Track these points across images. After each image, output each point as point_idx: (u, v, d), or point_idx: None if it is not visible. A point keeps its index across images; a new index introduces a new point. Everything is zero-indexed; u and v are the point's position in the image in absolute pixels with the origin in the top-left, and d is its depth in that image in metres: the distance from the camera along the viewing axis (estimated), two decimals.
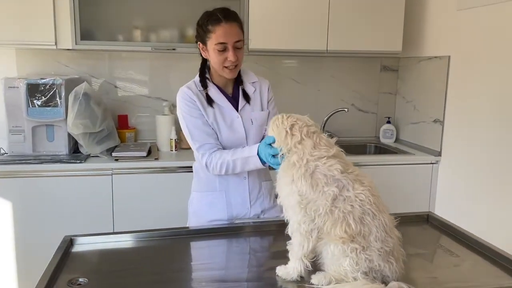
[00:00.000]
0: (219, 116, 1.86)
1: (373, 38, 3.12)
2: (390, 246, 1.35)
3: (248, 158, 1.74)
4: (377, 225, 1.35)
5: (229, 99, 1.89)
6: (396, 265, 1.35)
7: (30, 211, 2.60)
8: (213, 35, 1.76)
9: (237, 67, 1.83)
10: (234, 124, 1.87)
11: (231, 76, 1.84)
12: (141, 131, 3.30)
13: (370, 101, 3.63)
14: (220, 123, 1.86)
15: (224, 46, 1.75)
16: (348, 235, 1.33)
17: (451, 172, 2.94)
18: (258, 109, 1.93)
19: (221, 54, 1.76)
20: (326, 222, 1.35)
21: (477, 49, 2.66)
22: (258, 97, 1.94)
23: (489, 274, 1.45)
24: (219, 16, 1.75)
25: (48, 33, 2.72)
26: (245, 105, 1.90)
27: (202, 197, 1.95)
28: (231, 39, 1.75)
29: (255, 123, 1.91)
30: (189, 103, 1.83)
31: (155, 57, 3.23)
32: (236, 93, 1.92)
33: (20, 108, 2.67)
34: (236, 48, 1.77)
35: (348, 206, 1.35)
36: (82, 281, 1.38)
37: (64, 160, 2.64)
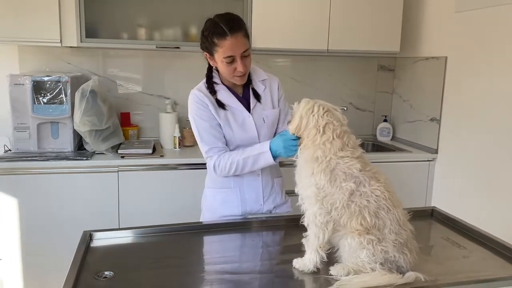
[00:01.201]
0: (231, 117, 1.89)
1: (372, 38, 3.20)
2: (404, 238, 1.42)
3: (259, 155, 1.79)
4: (391, 218, 1.42)
5: (239, 99, 1.92)
6: (410, 256, 1.42)
7: (35, 208, 2.61)
8: (220, 49, 1.76)
9: (246, 73, 1.85)
10: (246, 124, 1.90)
11: (241, 82, 1.86)
12: (143, 128, 3.32)
13: (368, 100, 3.71)
14: (232, 124, 1.89)
15: (232, 58, 1.76)
16: (363, 228, 1.40)
17: (447, 169, 3.03)
18: (269, 107, 1.96)
19: (229, 66, 1.78)
20: (342, 216, 1.41)
21: (474, 51, 2.75)
22: (268, 95, 1.97)
23: (497, 265, 1.52)
24: (224, 29, 1.74)
25: (53, 30, 2.73)
26: (256, 104, 1.93)
27: (216, 194, 1.99)
28: (238, 50, 1.76)
29: (267, 121, 1.94)
30: (200, 106, 1.85)
31: (157, 55, 3.25)
32: (247, 93, 1.94)
33: (25, 105, 2.67)
34: (244, 57, 1.78)
35: (364, 201, 1.42)
36: (108, 274, 1.41)
37: (70, 157, 2.66)
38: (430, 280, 1.35)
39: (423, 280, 1.34)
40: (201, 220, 2.07)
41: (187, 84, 3.29)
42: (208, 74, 1.91)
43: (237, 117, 1.90)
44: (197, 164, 2.80)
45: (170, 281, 1.39)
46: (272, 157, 1.77)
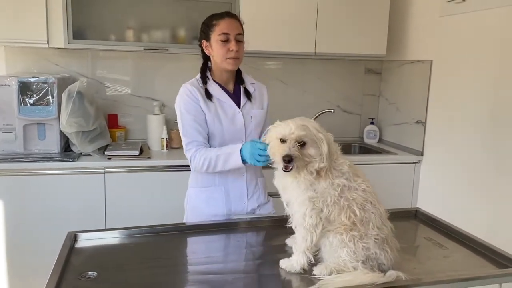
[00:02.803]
0: (221, 110, 1.95)
1: (359, 42, 3.23)
2: (385, 234, 1.46)
3: (230, 155, 1.82)
4: (375, 212, 1.46)
5: (230, 96, 1.99)
6: (391, 253, 1.45)
7: (21, 210, 2.59)
8: (216, 28, 1.91)
9: (239, 59, 1.94)
10: (236, 118, 1.97)
11: (233, 67, 1.94)
12: (131, 130, 3.32)
13: (355, 103, 3.74)
14: (222, 117, 1.95)
15: (227, 36, 1.89)
16: (351, 222, 1.42)
17: (432, 171, 3.07)
18: (258, 108, 2.04)
19: (224, 45, 1.89)
20: (332, 211, 1.44)
21: (458, 54, 2.80)
22: (258, 97, 2.06)
23: (477, 264, 1.56)
24: (223, 13, 1.95)
25: (40, 31, 2.72)
26: (246, 103, 2.01)
27: (200, 192, 2.01)
28: (233, 31, 1.90)
29: (254, 121, 2.01)
30: (189, 99, 1.92)
31: (145, 57, 3.25)
32: (237, 91, 2.02)
33: (11, 106, 2.65)
34: (238, 40, 1.90)
35: (354, 194, 1.45)
36: (91, 274, 1.42)
37: (57, 158, 2.65)
38: (411, 279, 1.37)
39: (404, 279, 1.36)
40: (185, 220, 2.08)
41: (175, 86, 3.30)
42: (203, 68, 2.00)
43: (227, 111, 1.96)
44: (184, 166, 2.78)
45: (154, 281, 1.40)
46: (241, 160, 1.79)
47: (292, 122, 1.44)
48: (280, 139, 1.45)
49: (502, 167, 2.47)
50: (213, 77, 1.99)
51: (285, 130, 1.44)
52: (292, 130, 1.42)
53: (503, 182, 2.47)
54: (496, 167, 2.52)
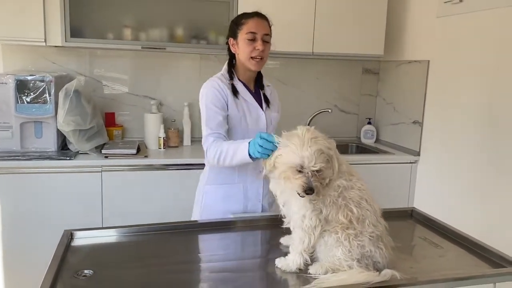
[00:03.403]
0: (247, 110, 1.99)
1: (357, 42, 3.24)
2: (380, 231, 1.46)
3: (239, 146, 1.74)
4: (370, 210, 1.47)
5: (254, 96, 2.03)
6: (385, 250, 1.45)
7: (18, 208, 2.59)
8: (244, 26, 1.93)
9: (263, 60, 1.96)
10: (259, 119, 2.01)
11: (256, 68, 1.96)
12: (128, 129, 3.32)
13: (352, 103, 3.75)
14: (247, 117, 1.98)
15: (254, 35, 1.91)
16: (348, 221, 1.42)
17: (429, 171, 3.08)
18: (275, 111, 2.10)
19: (250, 44, 1.91)
20: (331, 212, 1.44)
21: (455, 55, 2.80)
22: (273, 100, 2.11)
23: (471, 263, 1.56)
24: (252, 13, 1.97)
25: (38, 29, 2.72)
26: (266, 106, 2.06)
27: (218, 190, 2.02)
28: (261, 31, 1.93)
29: (273, 123, 2.07)
30: (217, 93, 1.92)
31: (143, 56, 3.25)
32: (257, 93, 2.06)
33: (8, 104, 2.65)
34: (264, 41, 1.93)
35: (351, 193, 1.45)
36: (87, 272, 1.41)
37: (54, 157, 2.64)
38: (405, 278, 1.37)
39: (399, 278, 1.37)
40: (198, 217, 2.08)
41: (172, 85, 3.34)
42: (229, 63, 2.03)
43: (252, 111, 2.00)
44: (181, 165, 2.81)
45: (150, 280, 1.39)
46: (247, 151, 1.70)
47: (305, 148, 1.35)
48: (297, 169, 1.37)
49: (499, 167, 2.49)
50: (237, 75, 2.02)
51: (302, 160, 1.35)
52: (312, 161, 1.34)
53: (499, 182, 2.48)
54: (493, 167, 2.53)
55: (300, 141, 1.37)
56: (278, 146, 1.45)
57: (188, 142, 3.23)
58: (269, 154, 1.49)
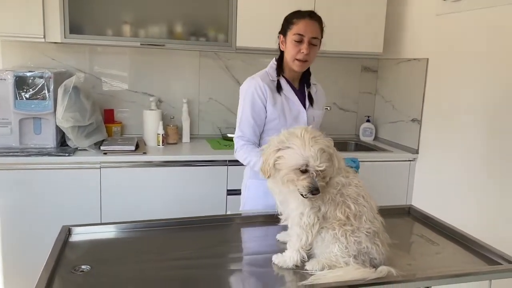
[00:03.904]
0: (286, 107, 2.01)
1: (355, 40, 3.24)
2: (377, 227, 1.47)
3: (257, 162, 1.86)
4: (367, 206, 1.47)
5: (297, 94, 2.04)
6: (382, 247, 1.46)
7: (17, 204, 2.60)
8: (294, 27, 1.94)
9: (307, 62, 1.98)
10: (300, 118, 2.03)
11: (300, 69, 1.98)
12: (127, 125, 3.32)
13: (351, 101, 3.75)
14: (287, 113, 2.00)
15: (301, 37, 1.92)
16: (345, 217, 1.43)
17: (427, 168, 3.08)
18: (319, 108, 2.13)
19: (296, 46, 1.92)
20: (329, 208, 1.44)
21: (454, 53, 2.81)
22: (319, 98, 2.13)
23: (467, 260, 1.57)
24: (305, 13, 1.97)
25: (37, 26, 2.72)
26: (309, 104, 2.08)
27: (260, 185, 2.01)
28: (309, 33, 1.93)
29: (316, 120, 2.09)
30: (256, 95, 1.97)
31: (142, 53, 3.25)
32: (302, 90, 2.08)
33: (7, 100, 2.65)
34: (311, 44, 1.94)
35: (348, 190, 1.46)
36: (85, 268, 1.42)
37: (52, 153, 2.65)
38: (402, 274, 1.38)
39: (395, 275, 1.37)
40: (241, 209, 2.14)
41: (172, 82, 3.34)
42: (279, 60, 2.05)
43: (292, 108, 2.02)
44: (180, 162, 2.81)
45: (147, 275, 1.40)
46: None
47: (307, 148, 1.35)
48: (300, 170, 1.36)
49: (497, 165, 2.49)
50: (283, 72, 2.04)
51: (306, 160, 1.35)
52: (317, 161, 1.34)
53: (497, 180, 2.49)
54: (491, 165, 2.53)
55: (301, 142, 1.36)
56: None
57: (187, 139, 3.23)
58: None
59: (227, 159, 2.87)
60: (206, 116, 3.46)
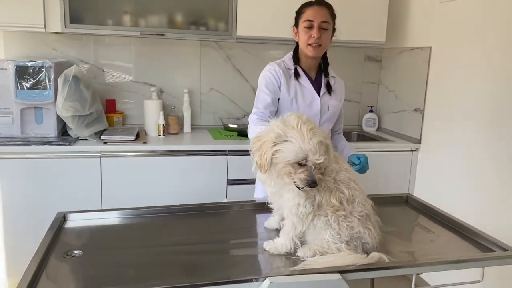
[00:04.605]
0: (300, 94, 2.04)
1: (357, 29, 3.20)
2: (368, 210, 1.47)
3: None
4: (358, 189, 1.48)
5: (312, 82, 2.07)
6: (374, 230, 1.45)
7: (18, 193, 2.62)
8: (303, 15, 1.99)
9: (320, 47, 2.00)
10: (313, 105, 2.06)
11: (313, 54, 1.99)
12: (128, 115, 3.33)
13: (354, 91, 3.72)
14: (300, 100, 2.04)
15: (311, 23, 1.96)
16: (339, 202, 1.43)
17: (429, 158, 3.05)
18: (336, 99, 2.14)
19: (307, 32, 1.96)
20: (324, 196, 1.44)
21: (457, 41, 2.76)
22: (337, 90, 2.16)
23: (462, 248, 1.56)
24: (313, 1, 2.02)
25: (37, 16, 2.72)
26: (325, 93, 2.10)
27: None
28: (318, 18, 1.96)
29: (331, 110, 2.11)
30: (272, 77, 2.02)
31: (143, 43, 3.25)
32: (319, 81, 2.10)
33: (8, 90, 2.67)
34: (322, 28, 1.96)
35: (341, 175, 1.46)
36: (77, 253, 1.44)
37: (53, 142, 2.66)
38: (393, 261, 1.37)
39: (387, 261, 1.37)
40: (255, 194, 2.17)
41: (173, 72, 3.34)
42: (295, 50, 2.09)
43: (306, 95, 2.06)
44: (180, 152, 2.81)
45: (138, 261, 1.41)
46: None
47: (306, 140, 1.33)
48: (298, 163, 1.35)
49: (499, 156, 2.46)
50: (299, 62, 2.08)
51: (306, 153, 1.33)
52: (317, 154, 1.33)
53: (499, 170, 2.45)
54: (493, 156, 2.50)
55: (299, 134, 1.34)
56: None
57: (188, 129, 3.23)
58: None
59: (227, 149, 2.87)
60: (207, 106, 3.45)
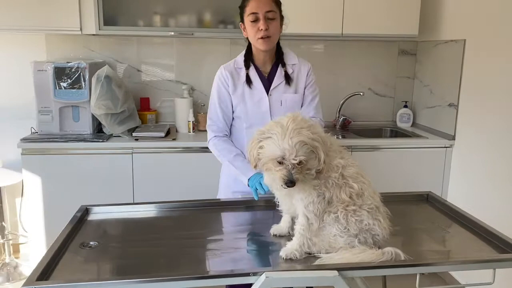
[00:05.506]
0: (248, 94, 2.01)
1: (389, 22, 3.12)
2: (377, 201, 1.46)
3: (239, 176, 1.91)
4: (366, 182, 1.47)
5: (263, 79, 2.02)
6: (384, 221, 1.43)
7: (56, 186, 2.79)
8: (246, 9, 1.92)
9: (271, 39, 1.92)
10: (261, 103, 2.01)
11: (265, 47, 1.93)
12: (162, 113, 3.44)
13: (388, 85, 3.63)
14: (248, 100, 2.00)
15: (256, 16, 1.89)
16: (349, 197, 1.42)
17: (464, 155, 2.93)
18: (292, 92, 2.03)
19: (254, 25, 1.90)
20: (334, 193, 1.43)
21: (492, 33, 2.63)
22: (296, 79, 2.05)
23: (476, 248, 1.50)
24: None
25: (74, 19, 2.87)
26: (279, 86, 2.02)
27: (231, 171, 2.02)
28: (262, 8, 1.88)
29: (284, 104, 2.01)
30: (220, 83, 2.01)
31: (176, 42, 3.34)
32: (273, 74, 2.03)
33: (48, 90, 2.84)
34: (268, 18, 1.89)
35: (349, 170, 1.46)
36: (92, 244, 1.52)
37: (88, 139, 2.81)
38: (409, 259, 1.35)
39: (402, 258, 1.35)
40: (218, 195, 2.19)
41: (204, 70, 3.41)
42: (247, 51, 2.04)
43: (254, 95, 2.01)
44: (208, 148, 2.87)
45: (150, 253, 1.47)
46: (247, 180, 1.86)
47: (286, 139, 1.33)
48: (277, 160, 1.35)
49: None
50: (253, 58, 2.03)
51: (283, 152, 1.33)
52: (293, 154, 1.32)
53: None
54: None
55: (282, 132, 1.35)
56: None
57: None
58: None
59: None
60: None
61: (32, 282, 1.21)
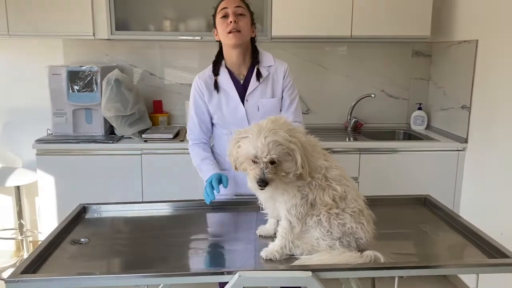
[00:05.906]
0: (224, 101, 1.99)
1: (400, 23, 3.07)
2: (361, 205, 1.45)
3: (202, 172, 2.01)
4: (350, 185, 1.46)
5: (237, 85, 1.99)
6: (367, 225, 1.42)
7: (69, 186, 2.88)
8: (218, 9, 1.95)
9: (241, 33, 1.90)
10: (237, 110, 1.99)
11: (235, 41, 1.90)
12: (174, 115, 3.50)
13: (401, 87, 3.57)
14: (224, 108, 1.99)
15: (225, 11, 1.90)
16: (332, 200, 1.41)
17: (477, 159, 2.85)
18: (268, 96, 2.00)
19: (224, 21, 1.91)
20: (317, 195, 1.43)
21: (505, 33, 2.55)
22: (270, 84, 2.01)
23: (462, 253, 1.47)
24: None
25: (87, 24, 2.97)
26: (254, 91, 1.98)
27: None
28: (231, 4, 1.91)
29: (262, 110, 1.98)
30: (195, 92, 2.04)
31: (188, 46, 3.40)
32: (249, 79, 1.99)
33: (62, 93, 2.95)
34: (237, 14, 1.91)
35: (332, 172, 1.45)
36: (83, 240, 1.58)
37: (99, 140, 2.90)
38: (388, 262, 1.34)
39: (382, 261, 1.34)
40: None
41: None
42: (217, 57, 2.05)
43: (230, 102, 1.99)
44: None
45: (139, 250, 1.51)
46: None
47: (260, 138, 1.34)
48: (252, 160, 1.36)
49: None
50: (226, 63, 2.01)
51: (256, 150, 1.34)
52: (265, 152, 1.33)
53: None
54: None
55: (257, 131, 1.35)
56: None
57: None
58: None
59: None
60: None
61: (16, 275, 1.26)
